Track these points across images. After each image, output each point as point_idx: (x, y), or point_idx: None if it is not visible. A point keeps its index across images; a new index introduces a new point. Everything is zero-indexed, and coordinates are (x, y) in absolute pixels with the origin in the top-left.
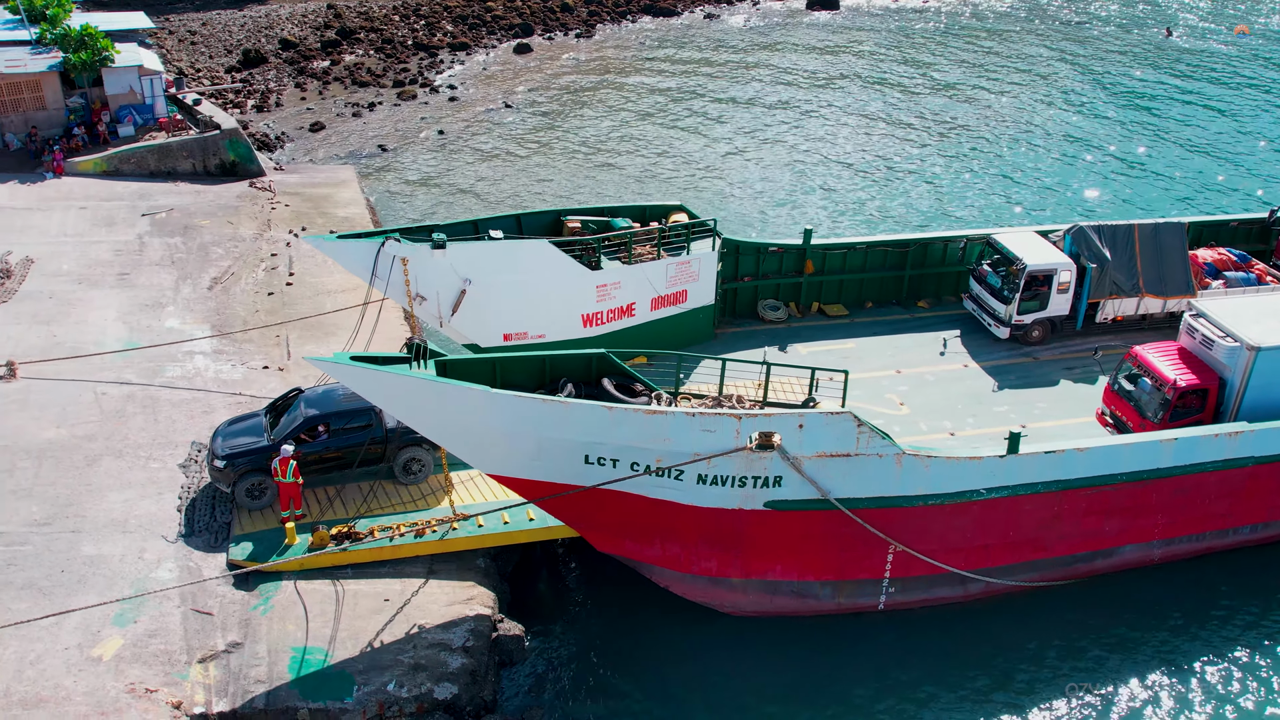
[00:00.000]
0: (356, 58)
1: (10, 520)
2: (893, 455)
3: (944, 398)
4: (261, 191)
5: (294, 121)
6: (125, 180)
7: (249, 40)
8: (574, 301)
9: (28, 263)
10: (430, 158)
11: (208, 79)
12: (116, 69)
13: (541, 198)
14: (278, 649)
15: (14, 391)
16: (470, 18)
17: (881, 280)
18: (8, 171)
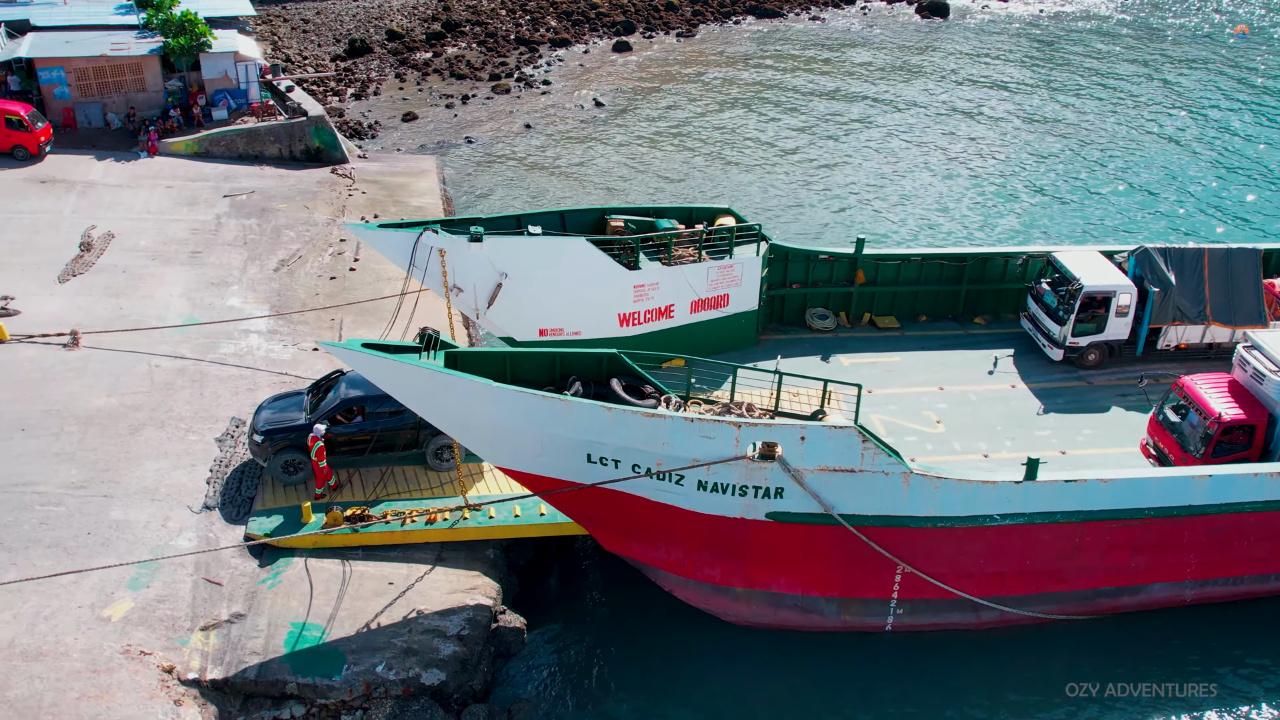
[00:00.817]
0: (459, 50)
1: (49, 481)
2: (899, 474)
3: (984, 418)
4: (341, 178)
5: (388, 111)
6: (214, 162)
7: (358, 30)
8: (610, 300)
9: (109, 237)
10: (513, 151)
11: (312, 66)
12: (213, 54)
13: (615, 195)
14: (277, 623)
15: (75, 359)
16: (575, 14)
17: (937, 294)
18: (107, 149)
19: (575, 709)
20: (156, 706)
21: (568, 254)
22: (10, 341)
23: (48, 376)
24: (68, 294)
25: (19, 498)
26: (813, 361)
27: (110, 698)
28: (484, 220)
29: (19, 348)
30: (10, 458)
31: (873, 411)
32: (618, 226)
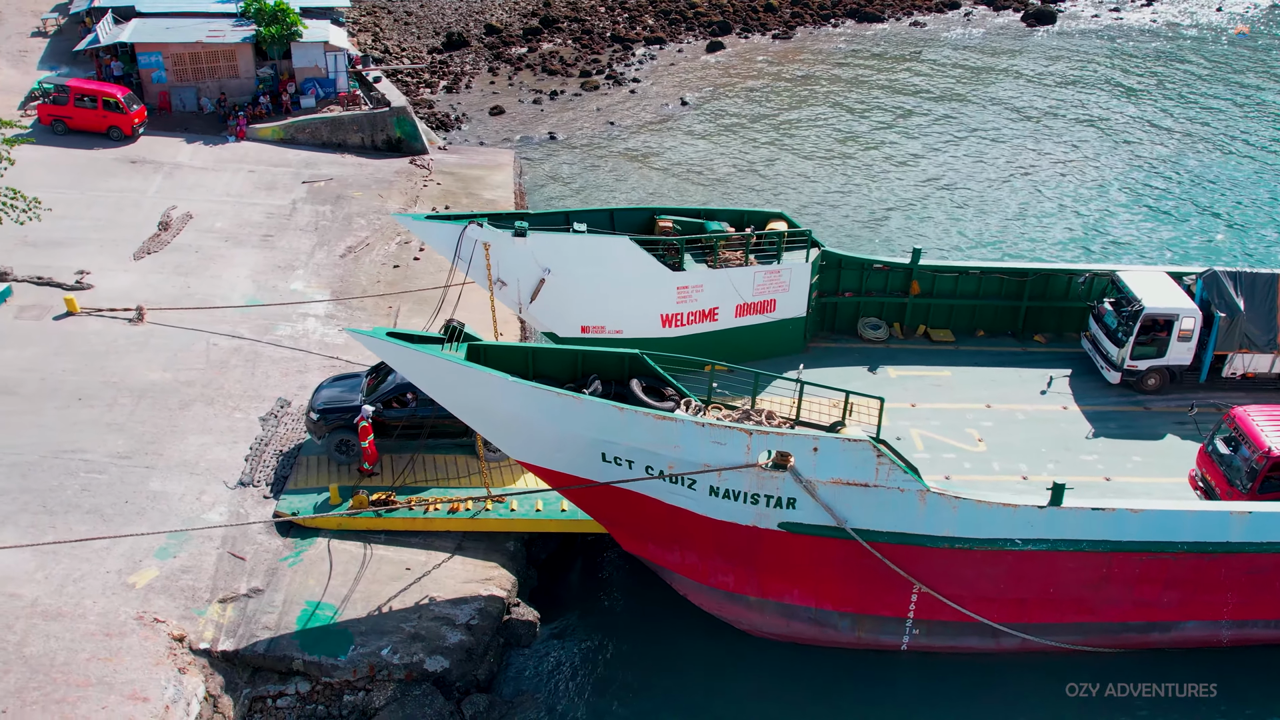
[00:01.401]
0: (554, 46)
1: (97, 449)
2: (915, 491)
3: (1029, 438)
4: (418, 169)
5: (477, 104)
6: (298, 149)
7: (459, 24)
8: (653, 300)
9: (186, 218)
10: (593, 148)
11: (409, 58)
12: (304, 44)
13: (683, 195)
14: (293, 600)
15: (138, 334)
16: (673, 13)
17: (996, 309)
18: (197, 133)
19: (579, 706)
20: (161, 673)
21: (611, 252)
22: (80, 314)
23: (110, 349)
24: (140, 271)
25: (66, 464)
26: (859, 371)
27: (118, 661)
28: (532, 216)
29: (88, 320)
30: (65, 425)
31: (914, 426)
32: (666, 227)
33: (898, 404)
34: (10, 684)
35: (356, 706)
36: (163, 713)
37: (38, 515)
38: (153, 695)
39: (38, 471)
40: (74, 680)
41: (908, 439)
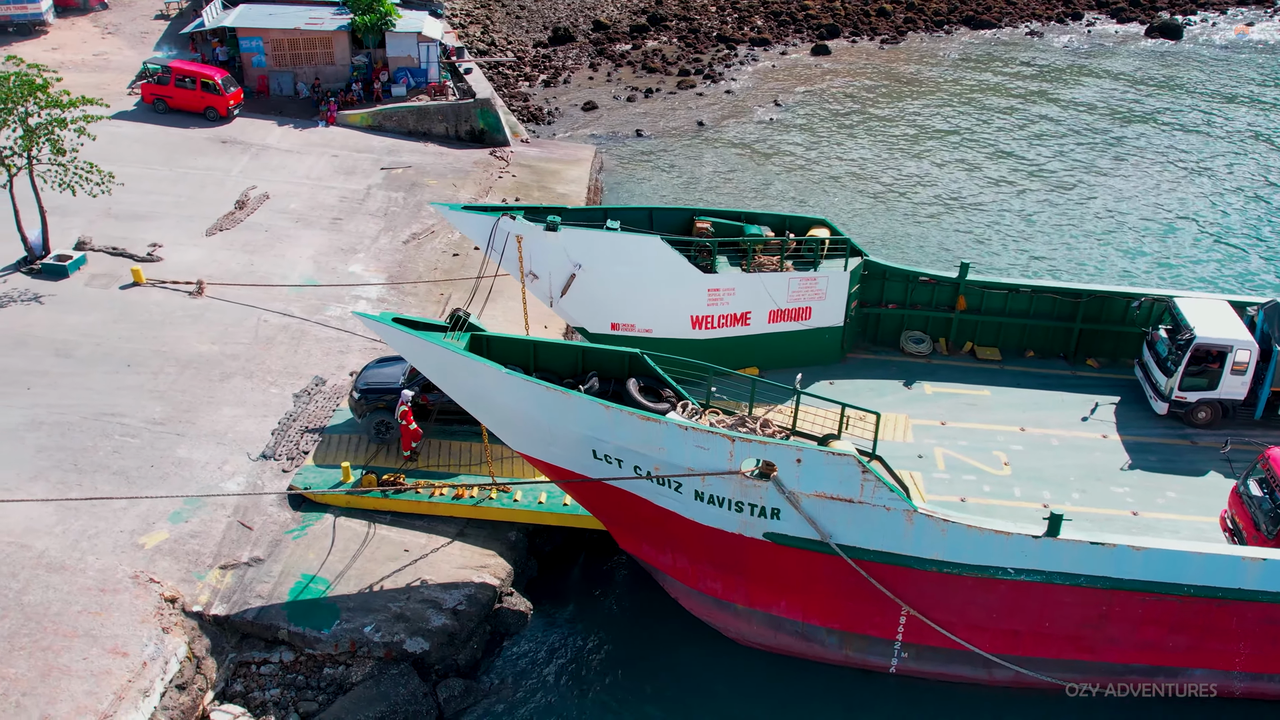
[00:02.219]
0: (658, 44)
1: (135, 414)
2: (901, 511)
3: (1059, 465)
4: (497, 160)
5: (572, 99)
6: (384, 136)
7: (568, 19)
8: (683, 301)
9: (263, 198)
10: (678, 146)
11: (513, 51)
12: (398, 33)
13: (755, 197)
14: (290, 572)
15: (195, 307)
16: (783, 14)
17: (1049, 330)
18: (290, 117)
19: (558, 700)
20: (144, 630)
21: (641, 251)
22: (145, 285)
23: (166, 319)
24: (210, 246)
25: (104, 426)
26: (894, 385)
27: (106, 616)
28: (568, 211)
29: (151, 291)
30: (110, 389)
31: (939, 444)
32: (703, 228)
33: (927, 421)
34: (3, 629)
35: (335, 680)
36: (139, 669)
37: (68, 473)
38: (132, 651)
39: (76, 431)
40: (63, 630)
41: (930, 457)
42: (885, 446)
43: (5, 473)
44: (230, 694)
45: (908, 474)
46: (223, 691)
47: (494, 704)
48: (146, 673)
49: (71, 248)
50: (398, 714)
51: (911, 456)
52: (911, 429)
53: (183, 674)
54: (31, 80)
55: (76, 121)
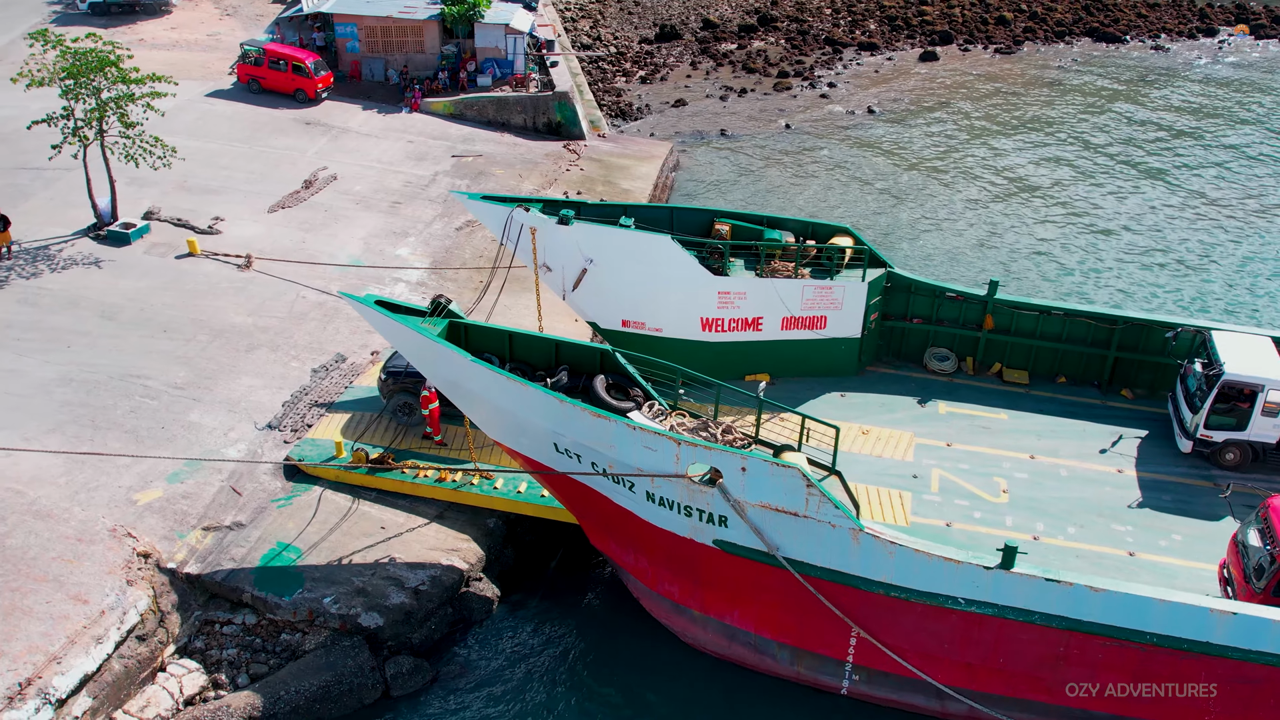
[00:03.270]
0: (764, 45)
1: (159, 378)
2: (847, 529)
3: (1062, 497)
4: (569, 153)
5: (665, 95)
6: (463, 124)
7: (679, 16)
8: (693, 303)
9: (331, 179)
10: (759, 149)
11: (616, 46)
12: (486, 24)
13: (829, 209)
14: (266, 539)
15: (241, 279)
16: (898, 19)
17: (1084, 356)
18: (377, 101)
19: (506, 690)
20: (107, 581)
21: (651, 249)
22: (199, 255)
23: (211, 290)
24: (268, 222)
25: (127, 387)
26: (908, 402)
27: (77, 564)
28: (587, 206)
29: (203, 262)
30: (142, 352)
31: (939, 466)
32: (722, 230)
33: (932, 441)
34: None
35: (290, 646)
36: (96, 616)
37: (84, 428)
38: (93, 599)
39: (101, 390)
40: (34, 575)
41: (925, 478)
42: (883, 464)
43: (29, 423)
44: (191, 650)
45: (897, 494)
46: (184, 647)
47: (443, 685)
48: (103, 621)
49: (140, 217)
50: (342, 684)
51: (906, 476)
52: (914, 448)
53: (144, 625)
54: (104, 56)
55: (144, 97)
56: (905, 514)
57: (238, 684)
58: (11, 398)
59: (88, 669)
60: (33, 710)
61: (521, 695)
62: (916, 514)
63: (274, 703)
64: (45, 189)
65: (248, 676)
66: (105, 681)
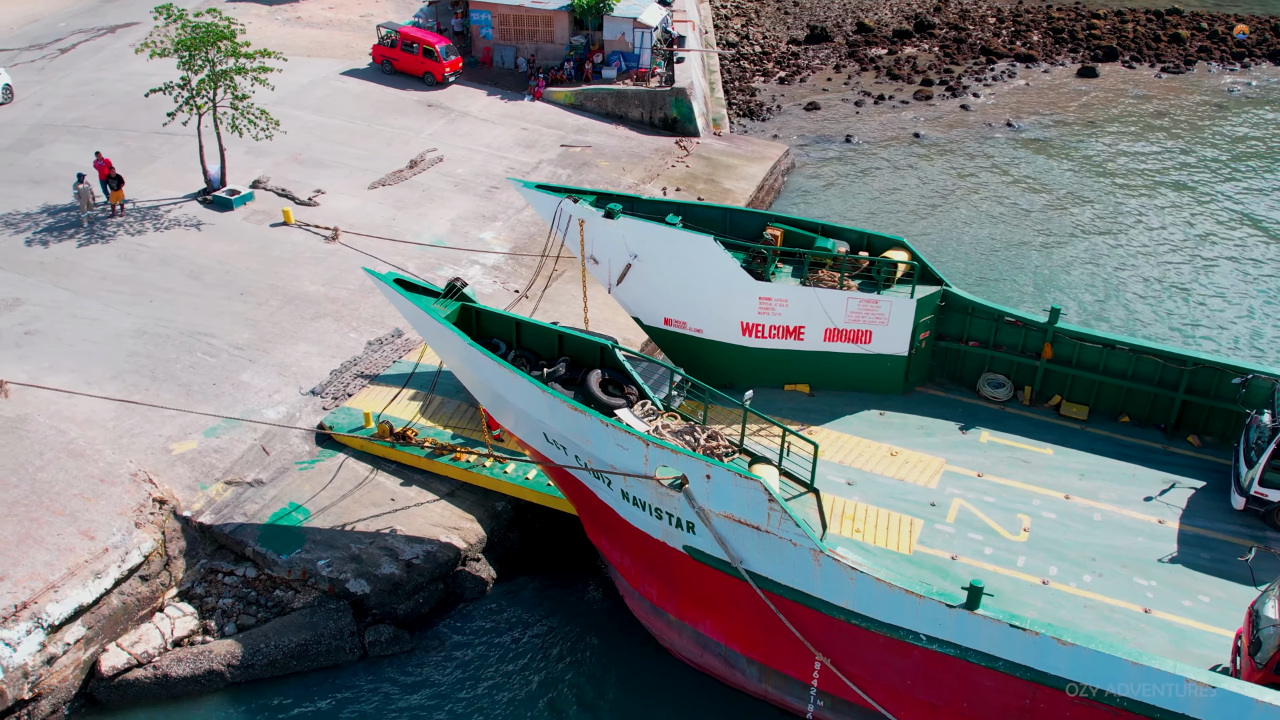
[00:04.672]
0: (915, 51)
1: (223, 337)
2: (808, 549)
3: (1087, 543)
4: (679, 150)
5: (800, 97)
6: (581, 115)
7: (836, 18)
8: (734, 306)
9: (437, 160)
10: (881, 158)
11: (760, 45)
12: (615, 17)
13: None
14: (280, 498)
15: (324, 250)
16: (1063, 31)
17: (1150, 396)
18: (502, 88)
19: (483, 668)
20: (117, 522)
21: (694, 249)
22: (292, 225)
23: (294, 258)
24: (366, 198)
25: (191, 343)
26: (949, 427)
27: (94, 503)
28: (639, 201)
29: (294, 232)
30: (215, 312)
31: (962, 496)
32: (772, 235)
33: (963, 470)
34: (12, 496)
35: (281, 602)
36: (100, 553)
37: (142, 378)
38: (99, 537)
39: (167, 344)
40: (54, 508)
41: (943, 507)
42: (903, 488)
43: (95, 368)
44: (191, 595)
45: (909, 520)
46: (186, 592)
47: (420, 657)
48: (105, 558)
49: (249, 185)
50: (321, 644)
51: (923, 503)
52: (941, 475)
53: (148, 566)
54: (219, 30)
55: (254, 71)
56: (911, 542)
57: (224, 632)
58: (87, 343)
59: (83, 600)
60: (23, 632)
61: (494, 677)
62: (923, 543)
63: (253, 654)
64: (171, 153)
65: (235, 626)
66: (102, 614)
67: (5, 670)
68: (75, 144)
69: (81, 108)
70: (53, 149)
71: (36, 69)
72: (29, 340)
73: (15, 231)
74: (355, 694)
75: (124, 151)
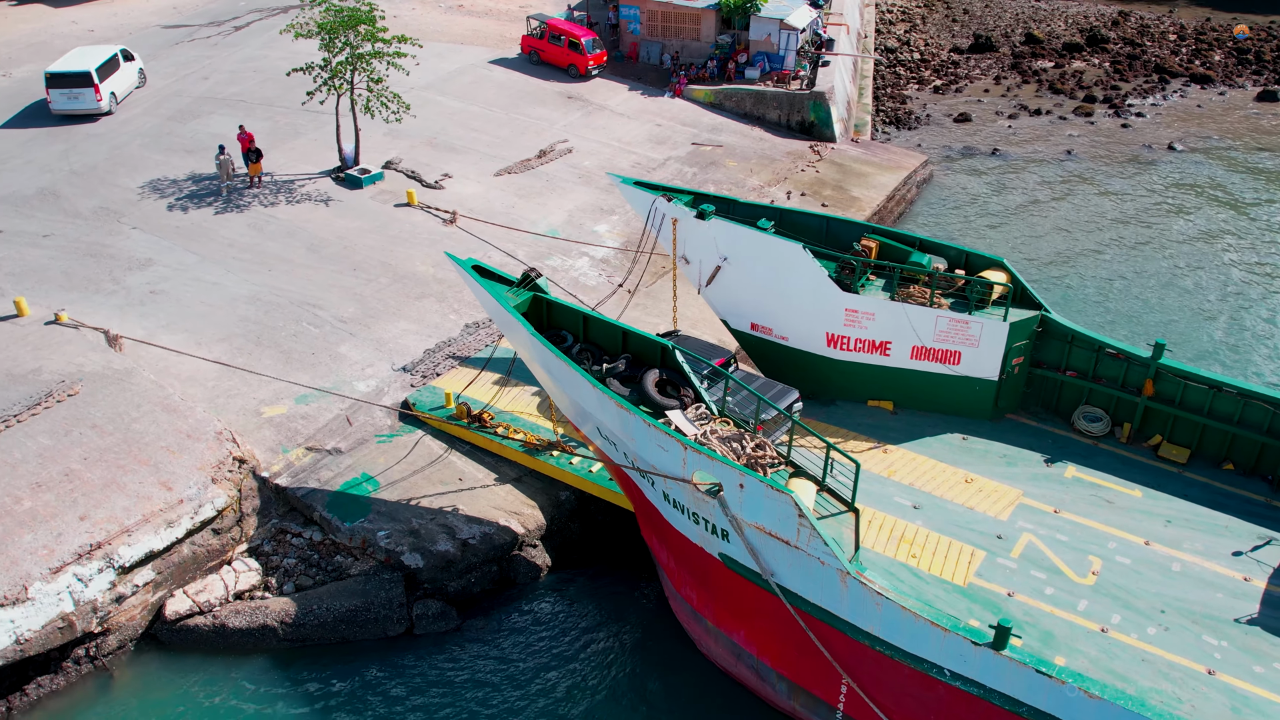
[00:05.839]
0: (1084, 66)
1: (330, 309)
2: (835, 569)
3: (1159, 594)
4: (811, 153)
5: (952, 108)
6: (718, 114)
7: (1006, 28)
8: (819, 316)
9: (566, 152)
10: (1026, 175)
11: (919, 53)
12: (762, 18)
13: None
14: (354, 468)
15: (441, 233)
16: (1248, 52)
17: (1260, 445)
18: (644, 84)
19: (524, 654)
20: (194, 476)
21: (782, 256)
22: (415, 206)
23: (410, 238)
24: (489, 185)
25: (300, 313)
26: (1034, 458)
27: (177, 457)
28: (736, 204)
29: (415, 213)
30: (326, 285)
31: (1033, 531)
32: (866, 246)
33: (1039, 505)
34: (106, 443)
35: (340, 567)
36: (174, 503)
37: (247, 342)
38: (176, 489)
39: (276, 313)
40: (140, 458)
41: (1010, 541)
42: (971, 517)
43: (207, 330)
44: (260, 552)
45: (969, 551)
46: (256, 548)
47: (464, 635)
48: (179, 509)
49: (381, 165)
50: (370, 612)
51: (990, 535)
52: (1015, 508)
53: (221, 520)
54: (359, 15)
55: (389, 56)
56: (968, 573)
57: (283, 590)
58: (205, 306)
59: (154, 546)
60: (96, 570)
61: (533, 663)
62: (980, 575)
63: (305, 614)
64: (315, 131)
65: (294, 586)
66: (172, 561)
67: (76, 603)
68: (230, 117)
69: (243, 83)
70: (209, 120)
71: (210, 44)
72: (152, 299)
73: (160, 196)
74: (396, 666)
75: (272, 126)
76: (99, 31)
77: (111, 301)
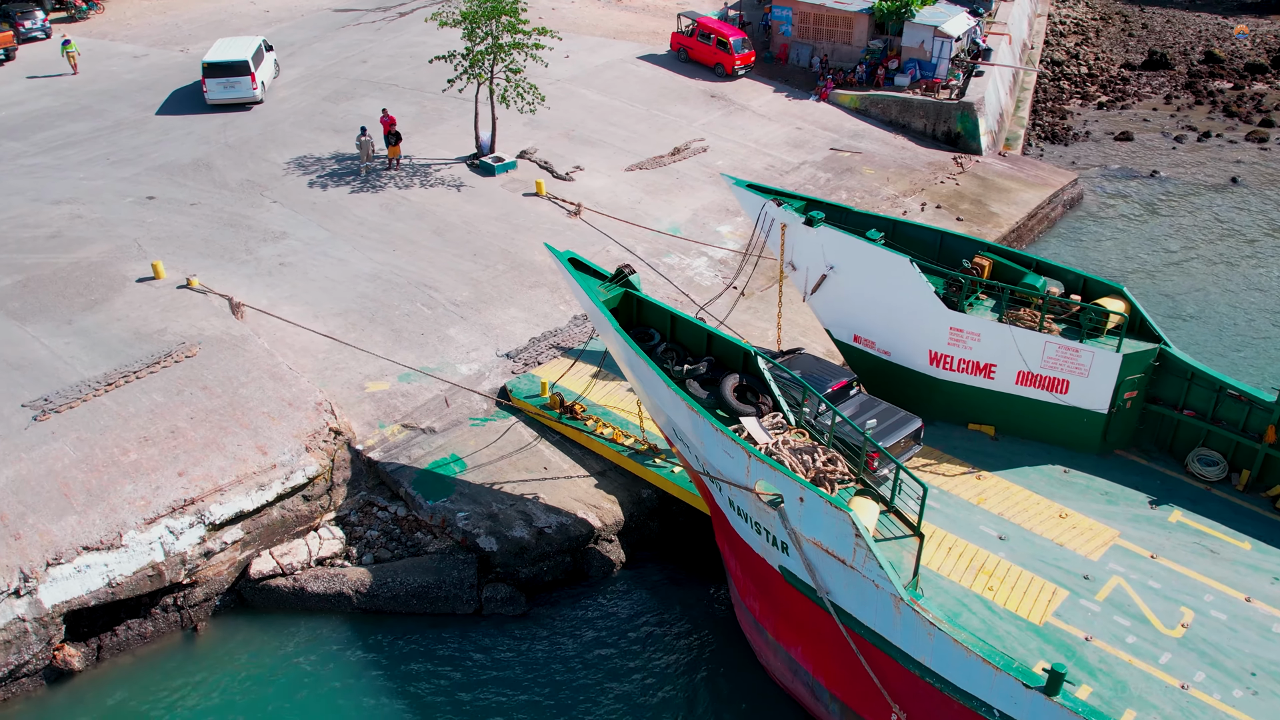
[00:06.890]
0: (1267, 89)
1: (445, 291)
2: (889, 594)
3: (1254, 654)
4: (954, 165)
5: (1114, 126)
6: (862, 120)
7: (1186, 45)
8: (923, 333)
9: (700, 150)
10: (1183, 200)
11: (1090, 67)
12: (916, 24)
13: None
14: (445, 448)
15: (564, 224)
16: None
17: None
18: (790, 86)
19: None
20: (288, 444)
21: (888, 268)
22: (543, 196)
23: (533, 227)
24: (619, 179)
25: (415, 293)
26: (1137, 498)
27: (276, 423)
28: (850, 213)
29: (541, 203)
30: (444, 268)
31: (1125, 575)
32: (978, 264)
33: (1136, 548)
34: (212, 404)
35: (419, 544)
36: (267, 468)
37: (362, 318)
38: (271, 454)
39: (393, 291)
40: (242, 421)
41: (1097, 583)
42: (1059, 554)
43: (326, 303)
44: (346, 521)
45: (1051, 588)
46: (342, 518)
47: (531, 622)
48: (271, 473)
49: (516, 154)
50: (441, 590)
51: (1076, 575)
52: (1109, 548)
53: (312, 488)
54: (501, 6)
55: (528, 47)
56: (1046, 612)
57: (361, 561)
58: (328, 280)
59: (244, 507)
60: (187, 524)
61: (593, 658)
62: (1059, 615)
63: (379, 585)
64: (459, 117)
65: (372, 557)
66: (261, 523)
67: (166, 554)
68: (381, 100)
69: (398, 67)
70: (360, 102)
71: (374, 29)
72: (280, 270)
73: (304, 173)
74: (460, 644)
75: (418, 111)
76: (274, 13)
77: (243, 270)
